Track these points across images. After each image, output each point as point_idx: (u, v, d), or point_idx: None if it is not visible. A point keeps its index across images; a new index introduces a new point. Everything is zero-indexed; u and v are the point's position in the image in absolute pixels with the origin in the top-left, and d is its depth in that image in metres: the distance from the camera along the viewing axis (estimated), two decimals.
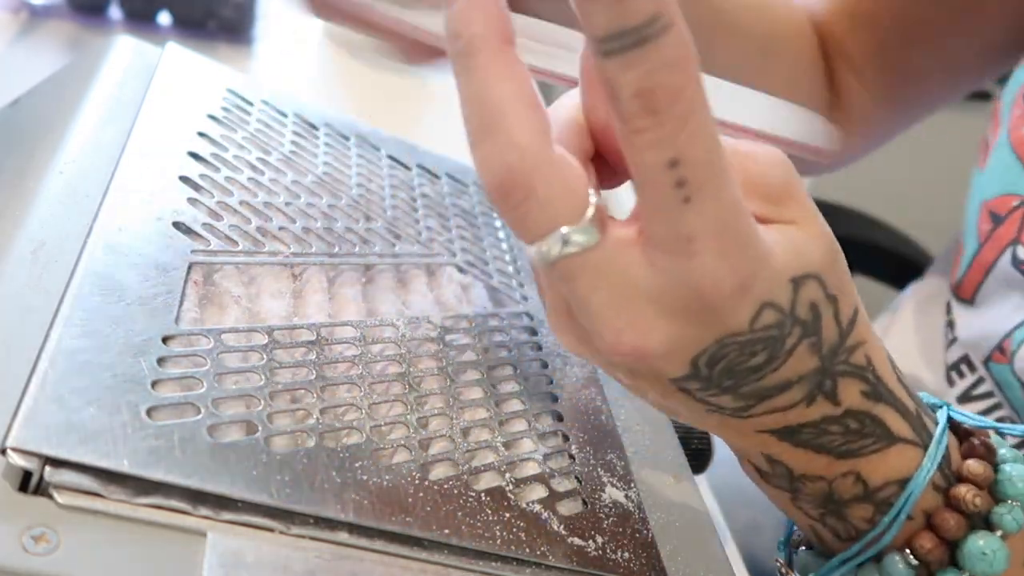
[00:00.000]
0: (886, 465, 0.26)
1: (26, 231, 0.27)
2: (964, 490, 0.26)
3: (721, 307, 0.22)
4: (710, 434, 0.37)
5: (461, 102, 0.22)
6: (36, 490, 0.21)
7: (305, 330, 0.29)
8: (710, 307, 0.22)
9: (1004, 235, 0.44)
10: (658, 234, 0.22)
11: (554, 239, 0.22)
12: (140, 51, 0.38)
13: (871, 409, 0.26)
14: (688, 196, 0.21)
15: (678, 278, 0.22)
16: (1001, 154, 0.45)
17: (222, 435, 0.24)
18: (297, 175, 0.36)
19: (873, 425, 0.26)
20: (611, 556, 0.27)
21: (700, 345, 0.23)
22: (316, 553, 0.23)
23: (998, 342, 0.44)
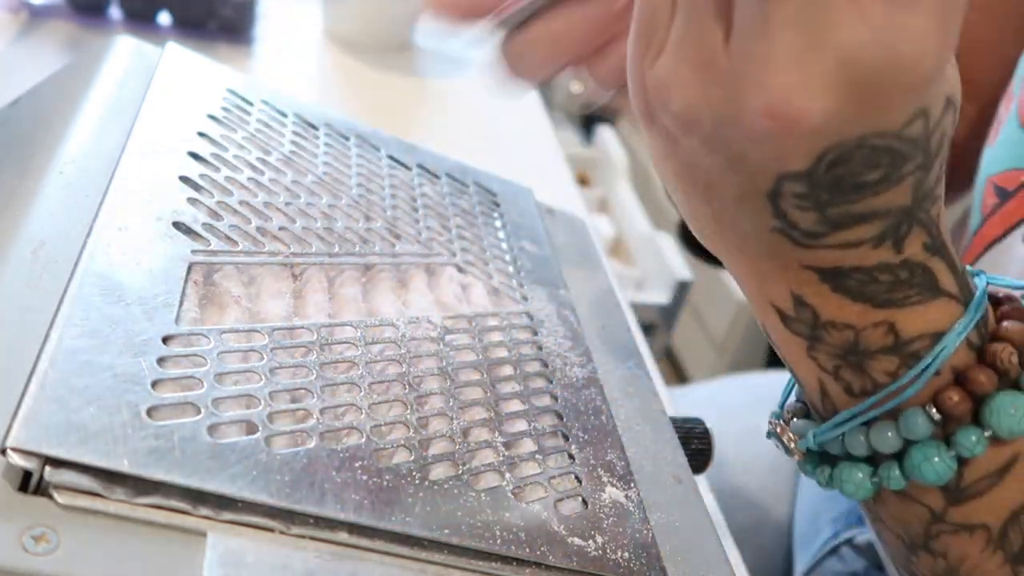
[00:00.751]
0: (924, 318, 0.26)
1: (26, 231, 0.27)
2: (1000, 347, 0.26)
3: (899, 92, 0.21)
4: (710, 434, 0.38)
5: None
6: (36, 490, 0.21)
7: (305, 330, 0.29)
8: (892, 87, 0.21)
9: (1013, 211, 0.43)
10: None
11: None
12: (140, 51, 0.38)
13: (926, 261, 0.25)
14: None
15: (886, 36, 0.20)
16: (1010, 130, 0.45)
17: (222, 435, 0.24)
18: (297, 175, 0.36)
19: (923, 276, 0.25)
20: (611, 556, 0.27)
21: (843, 135, 0.22)
22: (316, 553, 0.23)
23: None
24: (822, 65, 0.20)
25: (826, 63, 0.20)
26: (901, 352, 0.26)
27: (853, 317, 0.26)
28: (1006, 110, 0.47)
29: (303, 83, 0.75)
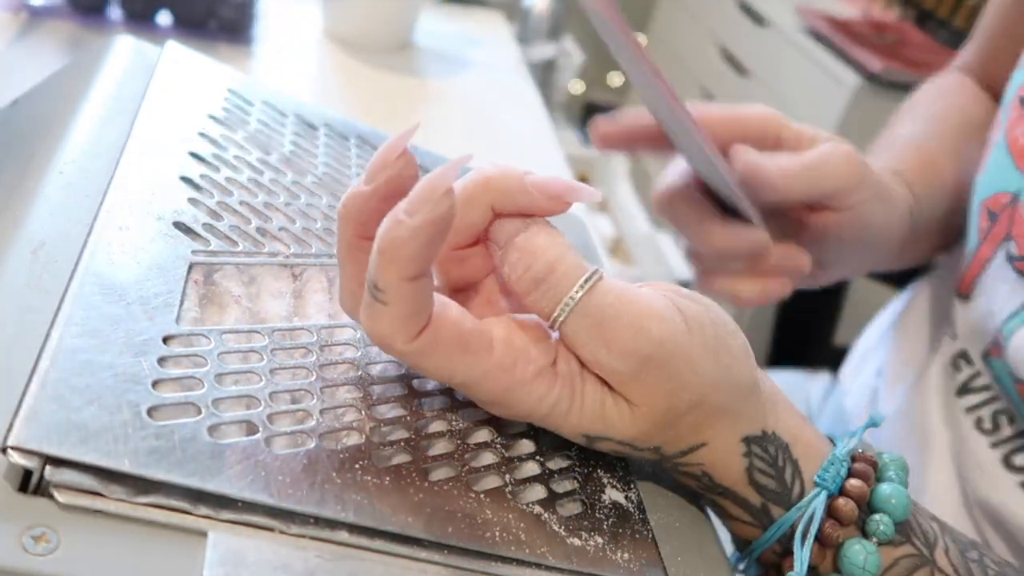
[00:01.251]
0: (731, 526, 0.32)
1: (26, 231, 0.27)
2: (785, 565, 0.31)
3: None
4: None
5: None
6: (36, 490, 0.21)
7: (305, 331, 0.29)
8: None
9: (999, 231, 0.45)
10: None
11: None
12: (140, 51, 0.38)
13: (708, 495, 0.31)
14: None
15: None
16: (997, 154, 0.46)
17: (222, 435, 0.24)
18: (297, 175, 0.36)
19: (713, 503, 0.32)
20: (611, 556, 0.27)
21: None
22: (316, 553, 0.23)
23: (993, 337, 0.44)
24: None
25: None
26: (736, 541, 0.33)
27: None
28: (995, 134, 0.48)
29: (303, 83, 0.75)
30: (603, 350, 0.26)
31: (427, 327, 0.25)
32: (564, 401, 0.27)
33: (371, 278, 0.24)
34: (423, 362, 0.26)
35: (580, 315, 0.26)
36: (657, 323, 0.27)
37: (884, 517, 0.30)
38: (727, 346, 0.28)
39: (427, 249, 0.24)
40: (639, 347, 0.26)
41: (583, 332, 0.26)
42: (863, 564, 0.29)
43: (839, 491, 0.30)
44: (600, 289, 0.26)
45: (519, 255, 0.27)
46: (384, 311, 0.25)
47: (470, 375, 0.26)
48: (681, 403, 0.27)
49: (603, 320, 0.26)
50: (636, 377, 0.27)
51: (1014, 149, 0.45)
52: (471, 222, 0.28)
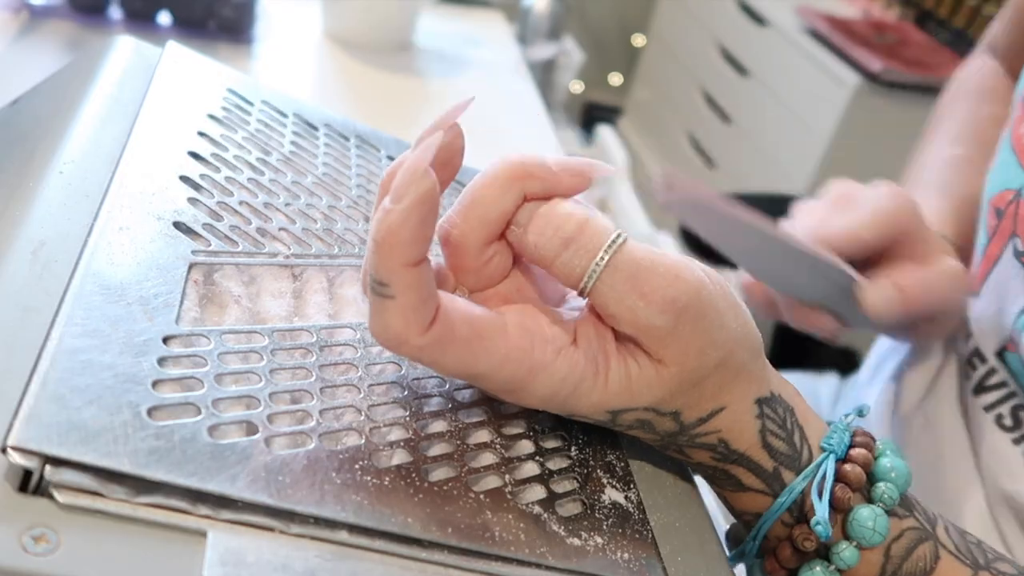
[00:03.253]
0: (741, 501, 0.32)
1: (26, 231, 0.27)
2: (799, 532, 0.31)
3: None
4: None
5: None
6: (36, 490, 0.21)
7: (305, 332, 0.29)
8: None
9: (1006, 228, 0.45)
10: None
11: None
12: (140, 51, 0.38)
13: (720, 466, 0.31)
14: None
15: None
16: (1004, 153, 0.46)
17: (222, 435, 0.24)
18: (297, 175, 0.36)
19: (725, 475, 0.31)
20: (611, 556, 0.27)
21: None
22: (316, 553, 0.23)
23: (1008, 332, 0.45)
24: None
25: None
26: (740, 519, 0.33)
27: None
28: (1003, 135, 0.48)
29: (303, 83, 0.75)
30: (641, 302, 0.26)
31: (437, 318, 0.25)
32: (588, 379, 0.27)
33: (372, 275, 0.24)
34: (440, 356, 0.25)
35: (614, 269, 0.26)
36: (690, 273, 0.27)
37: (889, 485, 0.31)
38: (741, 305, 0.29)
39: (421, 230, 0.24)
40: (678, 295, 0.26)
41: (619, 286, 0.26)
42: (873, 526, 0.30)
43: (844, 459, 0.31)
44: (630, 245, 0.27)
45: (546, 220, 0.27)
46: (391, 305, 0.24)
47: (490, 362, 0.26)
48: (709, 361, 0.27)
49: (638, 271, 0.26)
50: (673, 331, 0.26)
51: (1018, 147, 0.45)
52: (505, 209, 0.27)
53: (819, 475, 0.30)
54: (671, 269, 0.26)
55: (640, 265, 0.26)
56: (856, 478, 0.30)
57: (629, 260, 0.26)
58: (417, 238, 0.24)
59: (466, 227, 0.28)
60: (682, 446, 0.30)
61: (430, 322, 0.25)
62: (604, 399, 0.27)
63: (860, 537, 0.30)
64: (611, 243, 0.26)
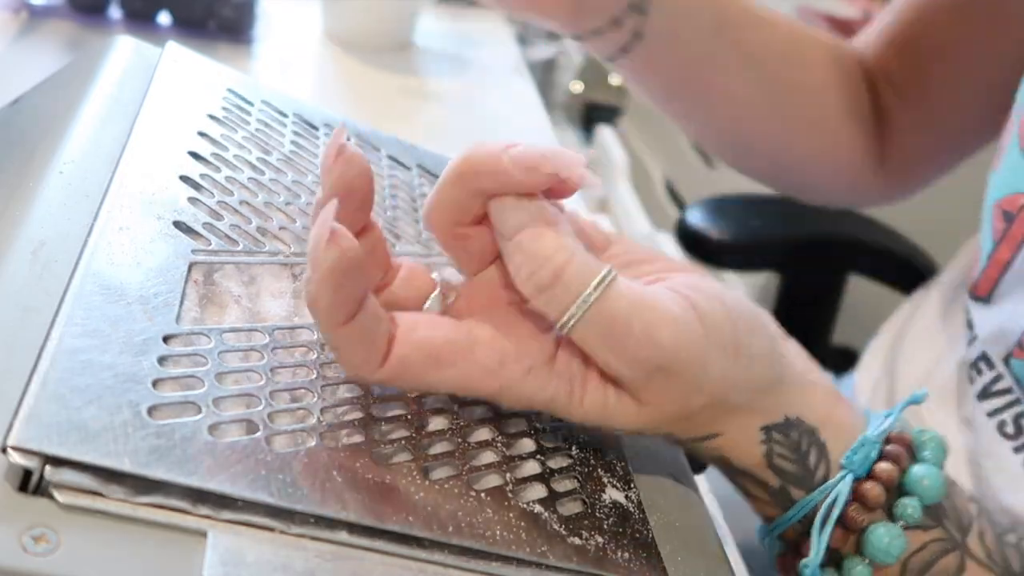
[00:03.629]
0: (751, 503, 0.32)
1: (26, 231, 0.27)
2: (804, 546, 0.30)
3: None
4: None
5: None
6: (36, 490, 0.21)
7: (305, 330, 0.29)
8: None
9: (1017, 233, 0.44)
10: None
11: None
12: (140, 51, 0.38)
13: (727, 474, 0.31)
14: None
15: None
16: (1012, 154, 0.46)
17: (223, 434, 0.24)
18: (297, 175, 0.36)
19: (731, 479, 0.32)
20: (611, 556, 0.27)
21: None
22: (316, 552, 0.23)
23: (1017, 338, 0.44)
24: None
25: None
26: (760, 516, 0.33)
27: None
28: (1007, 136, 0.47)
29: (303, 83, 0.75)
30: (611, 357, 0.26)
31: (391, 352, 0.25)
32: (561, 397, 0.27)
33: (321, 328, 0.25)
34: (403, 383, 0.26)
35: (587, 323, 0.26)
36: (671, 331, 0.26)
37: (913, 500, 0.29)
38: (746, 346, 0.28)
39: (340, 295, 0.24)
40: (650, 357, 0.26)
41: (591, 340, 0.26)
42: (886, 547, 0.29)
43: (867, 474, 0.29)
44: (610, 295, 0.25)
45: (523, 258, 0.26)
46: (340, 355, 0.25)
47: (454, 384, 0.26)
48: (693, 404, 0.27)
49: (612, 329, 0.25)
50: (646, 384, 0.26)
51: None
52: (463, 208, 0.27)
53: (829, 499, 0.29)
54: (647, 329, 0.26)
55: (615, 322, 0.25)
56: (874, 498, 0.29)
57: (605, 316, 0.25)
58: (337, 304, 0.24)
59: (433, 221, 0.28)
60: (685, 449, 0.31)
61: (383, 357, 0.25)
62: (583, 417, 0.27)
63: (873, 556, 0.29)
64: (588, 294, 0.25)
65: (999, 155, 0.48)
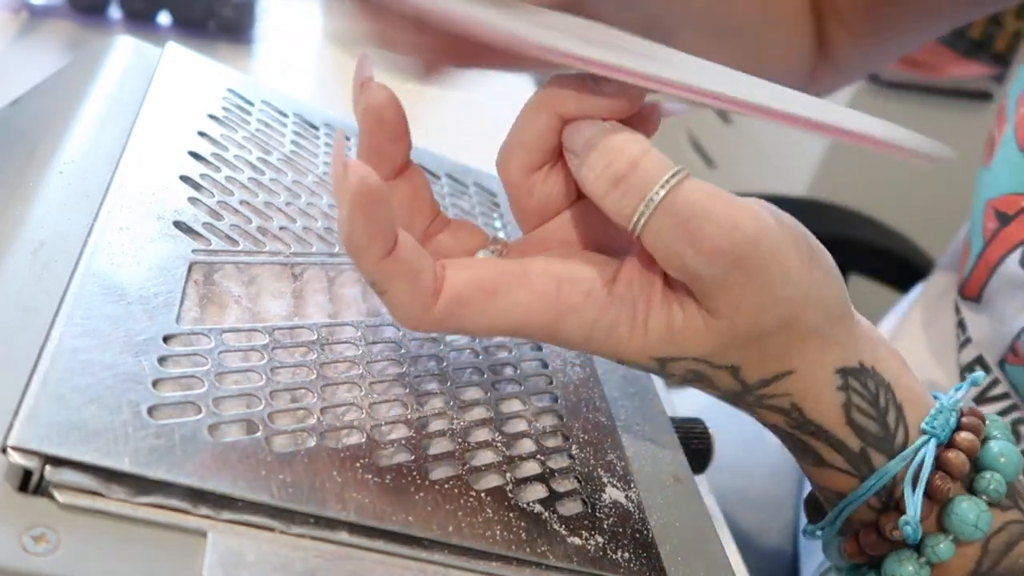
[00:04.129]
0: (822, 476, 0.30)
1: (26, 231, 0.27)
2: (887, 520, 0.28)
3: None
4: (710, 434, 0.38)
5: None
6: (36, 490, 0.21)
7: (305, 330, 0.29)
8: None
9: (1012, 234, 0.44)
10: None
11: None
12: (140, 51, 0.38)
13: (798, 435, 0.29)
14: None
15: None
16: (1007, 153, 0.45)
17: (223, 434, 0.24)
18: (297, 175, 0.36)
19: (804, 447, 0.29)
20: (611, 556, 0.27)
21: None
22: (316, 553, 0.23)
23: (1010, 343, 0.43)
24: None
25: None
26: (822, 493, 0.31)
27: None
28: (999, 132, 0.47)
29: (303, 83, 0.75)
30: (689, 250, 0.24)
31: (442, 289, 0.24)
32: (623, 324, 0.26)
33: (365, 275, 0.24)
34: (460, 321, 0.25)
35: (664, 213, 0.24)
36: (752, 220, 0.24)
37: (996, 475, 0.28)
38: (820, 258, 0.26)
39: (372, 227, 0.23)
40: (731, 245, 0.24)
41: (667, 232, 0.24)
42: (975, 522, 0.27)
43: (948, 443, 0.28)
44: (687, 186, 0.24)
45: (598, 153, 0.25)
46: (388, 297, 0.24)
47: (512, 317, 0.25)
48: (769, 320, 0.25)
49: (690, 217, 0.24)
50: (723, 284, 0.24)
51: None
52: (537, 132, 0.27)
53: (916, 462, 0.27)
54: (729, 215, 0.24)
55: (694, 209, 0.24)
56: (959, 467, 0.27)
57: (683, 203, 0.24)
58: (371, 236, 0.23)
59: (506, 155, 0.27)
60: (751, 406, 0.28)
61: (433, 295, 0.24)
62: (644, 346, 0.26)
63: (959, 532, 0.27)
64: (665, 181, 0.24)
65: (991, 150, 0.47)
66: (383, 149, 0.28)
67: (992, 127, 0.48)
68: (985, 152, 0.48)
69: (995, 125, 0.48)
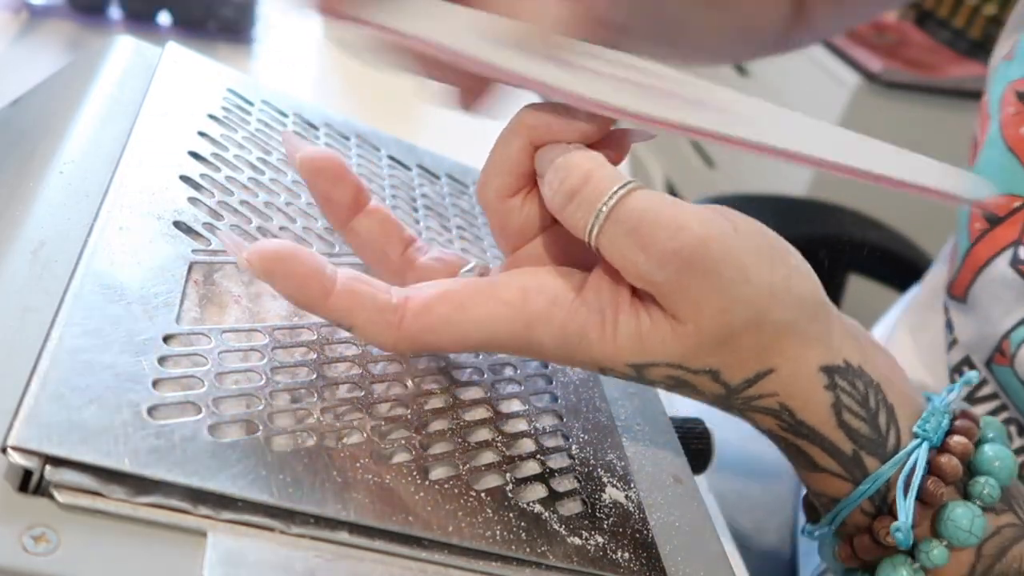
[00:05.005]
0: (815, 480, 0.29)
1: (26, 231, 0.27)
2: (881, 525, 0.28)
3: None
4: (710, 434, 0.38)
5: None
6: (36, 490, 0.21)
7: (306, 330, 0.29)
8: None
9: (1002, 236, 0.43)
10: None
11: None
12: (140, 51, 0.38)
13: (791, 438, 0.28)
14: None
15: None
16: (993, 152, 0.44)
17: (223, 434, 0.24)
18: (297, 175, 0.36)
19: (798, 452, 0.29)
20: (611, 556, 0.27)
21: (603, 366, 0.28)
22: (316, 553, 0.23)
23: (997, 343, 0.43)
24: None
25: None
26: (818, 499, 0.30)
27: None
28: (982, 131, 0.46)
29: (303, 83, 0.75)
30: (641, 256, 0.25)
31: (406, 310, 0.25)
32: (593, 330, 0.26)
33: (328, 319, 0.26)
34: (434, 339, 0.26)
35: (615, 222, 0.25)
36: (699, 224, 0.25)
37: (990, 479, 0.28)
38: (783, 255, 0.26)
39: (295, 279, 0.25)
40: (680, 247, 0.24)
41: (619, 240, 0.25)
42: (969, 528, 0.27)
43: (941, 447, 0.28)
44: (637, 195, 0.25)
45: (555, 172, 0.26)
46: (358, 330, 0.26)
47: (482, 328, 0.26)
48: (734, 319, 0.25)
49: (639, 224, 0.25)
50: (680, 287, 0.25)
51: (1018, 148, 0.43)
52: (510, 159, 0.28)
53: (908, 466, 0.27)
54: (676, 219, 0.25)
55: (643, 216, 0.25)
56: (952, 471, 0.27)
57: (632, 211, 0.25)
58: (300, 287, 0.25)
59: (483, 180, 0.29)
60: (741, 410, 0.28)
61: (396, 310, 0.25)
62: (616, 352, 0.26)
63: (953, 537, 0.27)
64: (614, 192, 0.25)
65: (974, 149, 0.47)
66: (331, 195, 0.30)
67: (974, 127, 0.48)
68: (969, 152, 0.48)
69: (977, 124, 0.47)
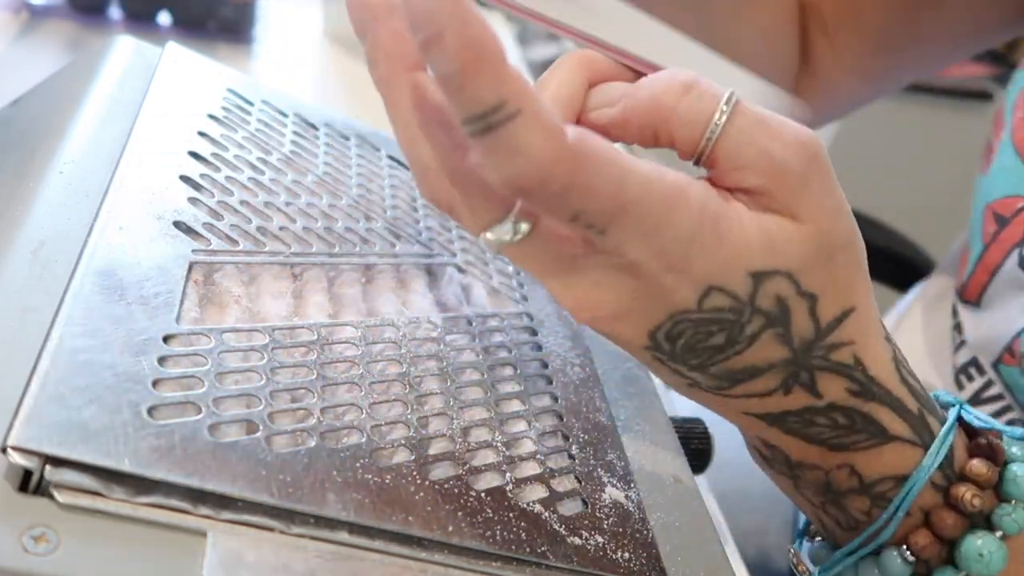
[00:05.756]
0: (881, 461, 0.27)
1: (26, 231, 0.27)
2: (963, 490, 0.26)
3: (659, 284, 0.24)
4: (710, 434, 0.38)
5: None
6: (36, 490, 0.21)
7: (306, 330, 0.29)
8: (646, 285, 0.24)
9: (1010, 236, 0.44)
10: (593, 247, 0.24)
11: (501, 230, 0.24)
12: (140, 51, 0.38)
13: (859, 406, 0.26)
14: (602, 229, 0.23)
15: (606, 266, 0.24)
16: (1004, 157, 0.45)
17: (223, 434, 0.24)
18: (297, 175, 0.36)
19: (864, 422, 0.26)
20: (611, 556, 0.27)
21: (652, 318, 0.25)
22: (316, 553, 0.23)
23: (1007, 344, 0.43)
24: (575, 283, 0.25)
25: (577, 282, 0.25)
26: (869, 494, 0.27)
27: (817, 458, 0.28)
28: (997, 137, 0.47)
29: (303, 83, 0.75)
30: (776, 143, 0.24)
31: (576, 133, 0.21)
32: (726, 215, 0.24)
33: (472, 114, 0.20)
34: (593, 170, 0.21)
35: (742, 113, 0.24)
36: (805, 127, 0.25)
37: (1018, 509, 0.27)
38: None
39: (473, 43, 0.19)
40: (808, 140, 0.24)
41: (749, 128, 0.24)
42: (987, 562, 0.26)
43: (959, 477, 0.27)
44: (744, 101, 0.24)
45: (657, 76, 0.25)
46: (520, 122, 0.20)
47: (637, 177, 0.22)
48: (842, 227, 0.25)
49: (765, 116, 0.24)
50: (806, 180, 0.24)
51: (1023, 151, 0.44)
52: (571, 87, 0.26)
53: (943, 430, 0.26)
54: (789, 120, 0.24)
55: (764, 112, 0.24)
56: (969, 504, 0.26)
57: (752, 107, 0.24)
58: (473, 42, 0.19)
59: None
60: (814, 369, 0.25)
61: (564, 136, 0.21)
62: (747, 249, 0.24)
63: (971, 570, 0.26)
64: (728, 97, 0.24)
65: (988, 156, 0.47)
66: (399, 34, 0.27)
67: (989, 133, 0.48)
68: (983, 160, 0.48)
69: (992, 131, 0.48)
